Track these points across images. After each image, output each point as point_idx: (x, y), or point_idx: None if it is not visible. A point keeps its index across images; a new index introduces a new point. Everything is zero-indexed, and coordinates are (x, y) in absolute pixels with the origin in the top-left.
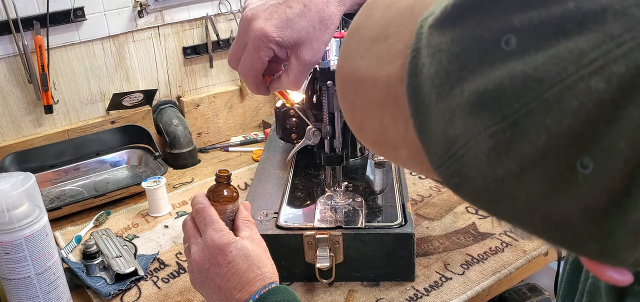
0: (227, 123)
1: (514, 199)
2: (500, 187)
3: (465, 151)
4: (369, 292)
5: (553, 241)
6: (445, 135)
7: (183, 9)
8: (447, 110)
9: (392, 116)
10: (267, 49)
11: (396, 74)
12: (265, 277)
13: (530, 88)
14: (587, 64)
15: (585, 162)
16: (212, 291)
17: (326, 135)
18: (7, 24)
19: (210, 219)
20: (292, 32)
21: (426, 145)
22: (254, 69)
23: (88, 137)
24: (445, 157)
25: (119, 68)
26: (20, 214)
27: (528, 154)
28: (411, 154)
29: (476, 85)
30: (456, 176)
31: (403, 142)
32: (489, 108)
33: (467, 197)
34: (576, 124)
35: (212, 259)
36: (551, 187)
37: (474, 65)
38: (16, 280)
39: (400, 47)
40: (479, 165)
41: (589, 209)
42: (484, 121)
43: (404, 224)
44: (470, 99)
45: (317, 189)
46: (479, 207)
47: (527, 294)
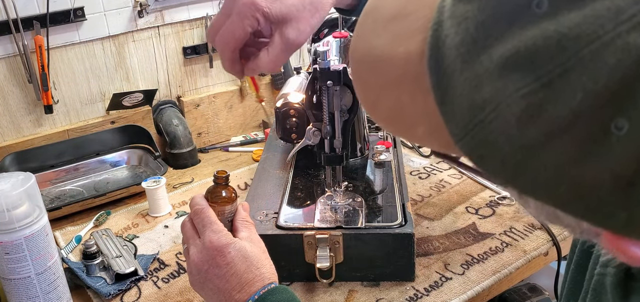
0: (227, 123)
1: (542, 167)
2: (528, 153)
3: (493, 117)
4: (369, 292)
5: (578, 213)
6: (471, 103)
7: (183, 9)
8: (473, 77)
9: (410, 93)
10: (252, 18)
11: (416, 50)
12: (265, 278)
13: (565, 47)
14: (626, 20)
15: (620, 124)
16: (211, 292)
17: (326, 135)
18: (7, 24)
19: (209, 220)
20: (281, 6)
21: (448, 117)
22: (235, 39)
23: (88, 137)
24: (469, 126)
25: (119, 68)
26: (20, 214)
27: (561, 116)
28: (430, 130)
29: (506, 48)
30: (481, 147)
31: (421, 119)
32: (521, 69)
33: (490, 170)
34: (613, 83)
35: (211, 260)
36: (583, 151)
37: (503, 29)
38: (16, 280)
39: (420, 23)
40: (507, 130)
41: (620, 174)
42: (516, 83)
43: (404, 224)
44: (500, 62)
45: (317, 189)
46: (502, 181)
47: (527, 294)
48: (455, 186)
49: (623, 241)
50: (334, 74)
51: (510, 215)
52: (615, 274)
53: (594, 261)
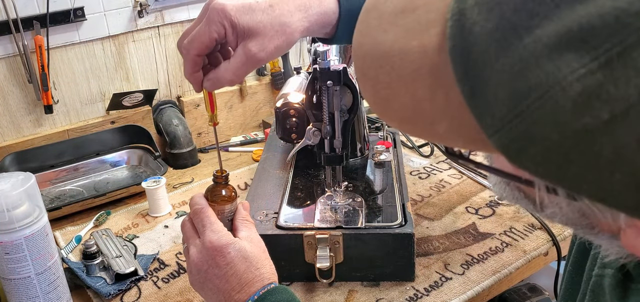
0: (227, 123)
1: (595, 154)
2: (580, 141)
3: (540, 104)
4: (369, 292)
5: (626, 204)
6: (513, 91)
7: (183, 9)
8: (515, 62)
9: (428, 88)
10: (219, 25)
11: (432, 42)
12: (264, 278)
13: (626, 23)
14: None
15: None
16: (211, 292)
17: (326, 135)
18: (7, 24)
19: (208, 220)
20: (249, 20)
21: (481, 110)
22: (199, 42)
23: (88, 137)
24: (509, 117)
25: (119, 68)
26: (20, 214)
27: (623, 96)
28: (452, 126)
29: (556, 28)
30: (521, 138)
31: (442, 115)
32: (574, 49)
33: (528, 163)
34: None
35: (211, 260)
36: None
37: (548, 9)
38: (16, 280)
39: (433, 16)
40: (559, 116)
41: None
42: (570, 64)
43: (404, 224)
44: (550, 43)
45: (317, 189)
46: (540, 174)
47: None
48: (455, 186)
49: None
50: (334, 74)
51: (510, 215)
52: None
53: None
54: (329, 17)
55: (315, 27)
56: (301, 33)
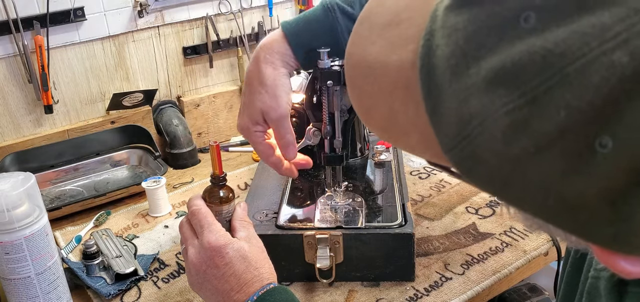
0: (227, 123)
1: (528, 180)
2: (514, 168)
3: (479, 131)
4: (369, 292)
5: (566, 227)
6: (460, 116)
7: (183, 9)
8: (462, 89)
9: (402, 101)
10: (252, 134)
11: (408, 58)
12: (263, 278)
13: (551, 63)
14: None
15: (604, 141)
16: (210, 292)
17: (326, 135)
18: (7, 24)
19: (206, 221)
20: (253, 110)
21: (438, 128)
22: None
23: (88, 137)
24: (458, 139)
25: (119, 68)
26: (20, 214)
27: (546, 132)
28: (421, 139)
29: (493, 63)
30: (469, 159)
31: (413, 128)
32: (506, 85)
33: (479, 182)
34: (597, 100)
35: (209, 261)
36: (568, 167)
37: (492, 43)
38: (16, 280)
39: (413, 32)
40: (494, 144)
41: (607, 190)
42: (501, 98)
43: (404, 224)
44: (487, 76)
45: (317, 189)
46: (491, 192)
47: (527, 294)
48: (455, 186)
49: (611, 255)
50: (334, 74)
51: (510, 215)
52: (609, 279)
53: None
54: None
55: (283, 58)
56: (281, 72)
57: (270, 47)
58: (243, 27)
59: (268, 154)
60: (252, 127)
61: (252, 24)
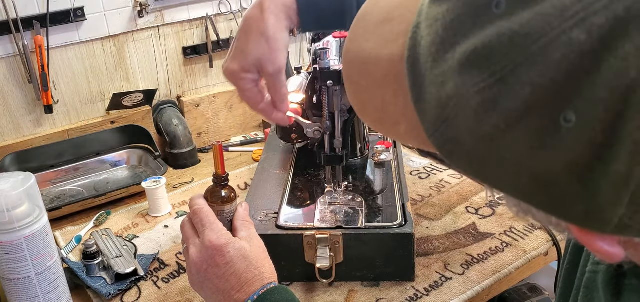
0: (227, 123)
1: (502, 158)
2: (488, 146)
3: (455, 112)
4: (369, 292)
5: (542, 205)
6: (439, 100)
7: (183, 9)
8: (440, 74)
9: (393, 92)
10: (241, 80)
11: (398, 52)
12: (264, 278)
13: (517, 44)
14: (570, 17)
15: (568, 116)
16: (210, 291)
17: (326, 130)
18: (7, 24)
19: (208, 220)
20: (248, 57)
21: (422, 115)
22: (253, 101)
23: (88, 137)
24: (438, 122)
25: (119, 68)
26: (20, 214)
27: (514, 108)
28: (410, 128)
29: (467, 47)
30: (449, 142)
31: (402, 117)
32: (478, 66)
33: (459, 165)
34: (559, 76)
35: (210, 260)
36: (536, 142)
37: (466, 29)
38: (16, 280)
39: (404, 27)
40: (468, 124)
41: (574, 164)
42: (473, 79)
43: (404, 224)
44: (461, 60)
45: (317, 189)
46: (471, 174)
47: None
48: (455, 186)
49: (589, 235)
50: (334, 74)
51: (510, 215)
52: (606, 272)
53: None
54: None
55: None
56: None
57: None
58: None
59: (257, 101)
60: (242, 74)
61: None
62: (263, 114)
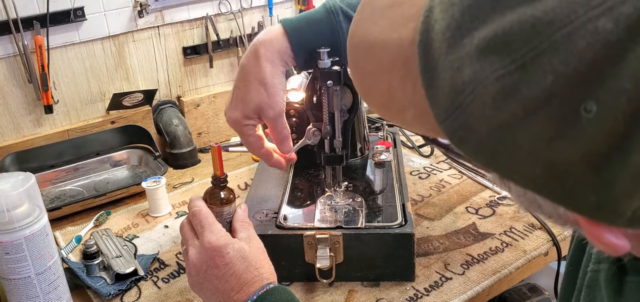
0: (227, 123)
1: (517, 147)
2: (503, 135)
3: (471, 99)
4: (369, 292)
5: (552, 195)
6: (453, 86)
7: (183, 9)
8: (456, 60)
9: (400, 78)
10: (244, 127)
11: (408, 36)
12: (263, 278)
13: (539, 31)
14: (596, 5)
15: (589, 106)
16: (210, 293)
17: (326, 135)
18: (7, 24)
19: (207, 222)
20: (249, 105)
21: (433, 101)
22: (255, 146)
23: (88, 137)
24: (451, 109)
25: (119, 68)
26: (20, 214)
27: (534, 97)
28: (417, 114)
29: (486, 32)
30: (461, 129)
31: (410, 103)
32: (497, 52)
33: (470, 151)
34: (582, 65)
35: (210, 261)
36: (554, 132)
37: (485, 14)
38: (16, 280)
39: (414, 11)
40: (484, 111)
41: (591, 154)
42: (493, 65)
43: (404, 224)
44: (480, 45)
45: (317, 189)
46: (481, 162)
47: (527, 294)
48: (455, 186)
49: (597, 227)
50: (334, 74)
51: (510, 215)
52: (608, 270)
53: (588, 258)
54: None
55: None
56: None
57: (270, 44)
58: (243, 27)
59: (259, 146)
60: (244, 121)
61: (252, 24)
62: (264, 158)
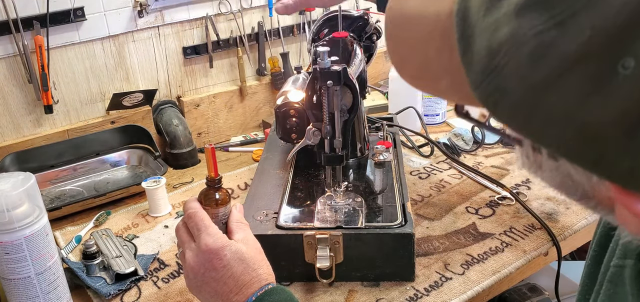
0: (227, 123)
1: (551, 108)
2: (538, 95)
3: (507, 60)
4: (369, 292)
5: (584, 161)
6: (489, 48)
7: (183, 9)
8: (493, 22)
9: (436, 49)
10: None
11: (445, 9)
12: (262, 279)
13: None
14: None
15: (627, 63)
16: (208, 295)
17: (326, 135)
18: (7, 24)
19: (203, 224)
20: None
21: (468, 67)
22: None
23: (88, 137)
24: (486, 72)
25: (119, 68)
26: (20, 214)
27: (570, 52)
28: (452, 83)
29: None
30: (496, 92)
31: (445, 72)
32: (536, 9)
33: (505, 115)
34: (621, 20)
35: (207, 264)
36: (590, 90)
37: None
38: (16, 280)
39: None
40: (520, 70)
41: (626, 115)
42: (531, 21)
43: (404, 224)
44: (519, 4)
45: (317, 189)
46: (516, 127)
47: (527, 294)
48: (455, 186)
49: (629, 196)
50: (334, 74)
51: (510, 215)
52: (634, 266)
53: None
54: None
55: None
56: None
57: None
58: (243, 27)
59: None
60: None
61: (252, 24)
62: None
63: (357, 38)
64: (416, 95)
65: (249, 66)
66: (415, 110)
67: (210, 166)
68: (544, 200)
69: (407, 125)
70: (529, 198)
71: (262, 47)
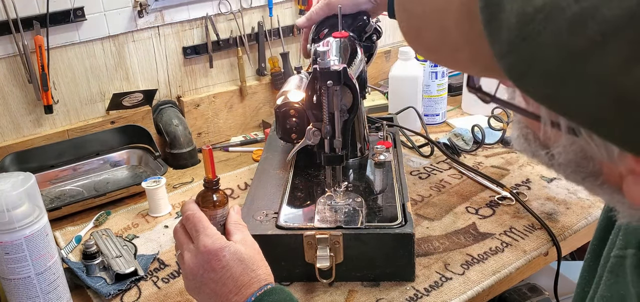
0: (227, 123)
1: (587, 75)
2: (575, 62)
3: (543, 27)
4: (369, 292)
5: (612, 133)
6: (521, 15)
7: (183, 9)
8: None
9: (455, 19)
10: None
11: None
12: (261, 279)
13: None
14: None
15: None
16: (207, 296)
17: (326, 135)
18: (7, 24)
19: (201, 225)
20: None
21: (494, 35)
22: None
23: (88, 137)
24: (517, 40)
25: (119, 68)
26: (20, 214)
27: (615, 17)
28: (472, 53)
29: None
30: (526, 61)
31: (465, 43)
32: None
33: (533, 86)
34: None
35: (206, 265)
36: (632, 56)
37: None
38: (16, 280)
39: None
40: (556, 38)
41: None
42: None
43: (404, 224)
44: None
45: (317, 189)
46: (543, 97)
47: (527, 294)
48: (455, 186)
49: None
50: (334, 74)
51: (510, 215)
52: (635, 255)
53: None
54: None
55: None
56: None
57: None
58: (243, 27)
59: None
60: None
61: (252, 24)
62: None
63: (357, 38)
64: (416, 95)
65: (249, 66)
66: (415, 110)
67: (207, 168)
68: (544, 200)
69: (407, 125)
70: (529, 198)
71: (262, 47)
